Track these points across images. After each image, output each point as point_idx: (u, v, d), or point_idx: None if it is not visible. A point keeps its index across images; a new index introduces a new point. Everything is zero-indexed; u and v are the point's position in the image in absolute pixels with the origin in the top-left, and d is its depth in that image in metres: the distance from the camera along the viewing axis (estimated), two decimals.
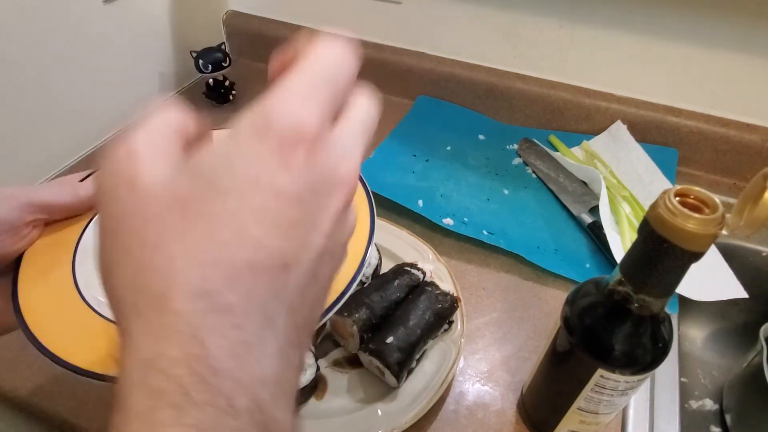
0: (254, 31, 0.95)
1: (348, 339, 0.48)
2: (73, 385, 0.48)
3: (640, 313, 0.32)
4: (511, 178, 0.73)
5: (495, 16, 0.77)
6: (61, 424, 0.46)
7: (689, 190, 0.28)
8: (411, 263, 0.53)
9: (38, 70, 0.67)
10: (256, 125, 0.17)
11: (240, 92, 0.89)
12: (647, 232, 0.28)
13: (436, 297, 0.49)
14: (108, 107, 0.79)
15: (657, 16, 0.68)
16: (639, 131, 0.75)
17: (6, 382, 0.49)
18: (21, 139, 0.68)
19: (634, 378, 0.34)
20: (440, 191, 0.69)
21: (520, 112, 0.82)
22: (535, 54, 0.79)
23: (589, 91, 0.77)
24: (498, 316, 0.56)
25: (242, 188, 0.17)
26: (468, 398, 0.48)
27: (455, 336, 0.50)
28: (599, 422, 0.40)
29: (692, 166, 0.75)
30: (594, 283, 0.36)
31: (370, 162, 0.71)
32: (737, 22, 0.65)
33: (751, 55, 0.67)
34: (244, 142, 0.17)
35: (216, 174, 0.17)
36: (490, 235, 0.63)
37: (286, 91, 0.18)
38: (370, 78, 0.85)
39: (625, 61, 0.74)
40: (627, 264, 0.31)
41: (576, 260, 0.61)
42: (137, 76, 0.83)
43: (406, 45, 0.87)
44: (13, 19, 0.62)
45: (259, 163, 0.17)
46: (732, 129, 0.71)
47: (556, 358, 0.39)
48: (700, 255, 0.27)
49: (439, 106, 0.85)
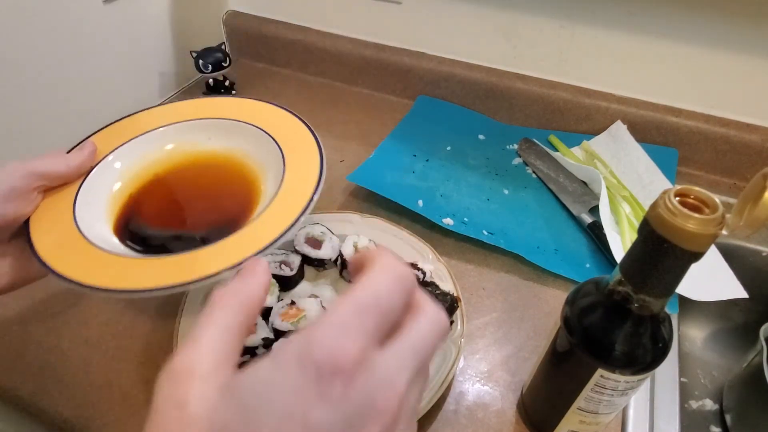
0: (254, 31, 0.95)
1: None
2: (73, 385, 0.48)
3: (640, 313, 0.32)
4: (511, 178, 0.73)
5: (495, 16, 0.78)
6: (61, 424, 0.46)
7: (689, 190, 0.28)
8: (411, 263, 0.53)
9: (38, 70, 0.67)
10: (299, 353, 0.19)
11: (240, 92, 0.90)
12: (647, 232, 0.28)
13: (436, 297, 0.49)
14: (108, 107, 0.79)
15: (657, 16, 0.68)
16: (639, 131, 0.75)
17: (6, 382, 0.49)
18: (21, 139, 0.68)
19: (634, 378, 0.34)
20: (440, 191, 0.69)
21: (520, 112, 0.82)
22: (535, 54, 0.79)
23: (589, 91, 0.77)
24: (498, 316, 0.56)
25: (277, 424, 0.18)
26: (468, 398, 0.48)
27: (455, 336, 0.50)
28: (599, 422, 0.40)
29: (692, 166, 0.75)
30: (594, 283, 0.36)
31: (370, 162, 0.72)
32: (737, 22, 0.65)
33: (751, 55, 0.67)
34: (285, 370, 0.19)
35: (255, 404, 0.18)
36: (490, 235, 0.63)
37: (332, 318, 0.19)
38: (370, 78, 0.84)
39: (625, 61, 0.74)
40: (627, 264, 0.31)
41: (576, 260, 0.61)
42: (137, 76, 0.83)
43: (406, 45, 0.87)
44: (13, 19, 0.62)
45: (297, 396, 0.18)
46: (732, 129, 0.71)
47: (556, 358, 0.39)
48: (700, 255, 0.27)
49: (439, 106, 0.85)
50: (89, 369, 0.50)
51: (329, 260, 0.56)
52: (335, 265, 0.58)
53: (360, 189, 0.70)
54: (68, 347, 0.51)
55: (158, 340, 0.52)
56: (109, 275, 0.37)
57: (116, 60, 0.78)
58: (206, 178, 0.51)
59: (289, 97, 0.90)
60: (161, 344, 0.52)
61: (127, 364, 0.50)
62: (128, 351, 0.51)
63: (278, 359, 0.19)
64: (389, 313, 0.21)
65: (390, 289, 0.21)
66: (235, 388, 0.19)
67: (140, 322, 0.54)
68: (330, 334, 0.19)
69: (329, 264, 0.57)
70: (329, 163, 0.75)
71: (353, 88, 0.92)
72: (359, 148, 0.78)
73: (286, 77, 0.95)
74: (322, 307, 0.51)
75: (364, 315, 0.20)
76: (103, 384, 0.48)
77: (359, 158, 0.74)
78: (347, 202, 0.68)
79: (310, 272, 0.58)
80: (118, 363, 0.50)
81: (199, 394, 0.19)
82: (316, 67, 0.94)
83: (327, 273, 0.58)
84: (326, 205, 0.68)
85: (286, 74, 0.96)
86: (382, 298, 0.20)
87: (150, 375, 0.49)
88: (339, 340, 0.19)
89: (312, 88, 0.92)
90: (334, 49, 0.90)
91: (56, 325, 0.53)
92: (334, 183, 0.71)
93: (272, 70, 0.97)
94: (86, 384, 0.48)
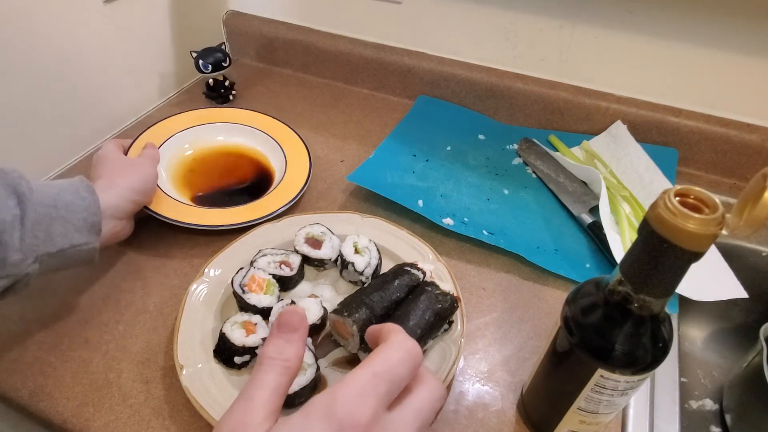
0: (254, 31, 0.95)
1: (348, 339, 0.48)
2: (73, 385, 0.48)
3: (640, 313, 0.32)
4: (511, 178, 0.73)
5: (495, 16, 0.78)
6: (61, 424, 0.46)
7: (689, 190, 0.28)
8: (411, 263, 0.53)
9: (38, 70, 0.67)
10: (326, 409, 0.24)
11: (240, 92, 0.89)
12: (647, 232, 0.28)
13: (436, 297, 0.49)
14: (108, 107, 0.79)
15: (657, 16, 0.68)
16: (639, 131, 0.75)
17: (6, 382, 0.49)
18: (21, 139, 0.68)
19: (634, 378, 0.34)
20: (440, 191, 0.69)
21: (520, 112, 0.82)
22: (535, 54, 0.79)
23: (589, 91, 0.77)
24: (498, 316, 0.56)
25: None
26: (468, 398, 0.48)
27: (455, 336, 0.50)
28: (599, 422, 0.40)
29: (692, 166, 0.75)
30: (594, 283, 0.36)
31: (370, 162, 0.72)
32: (737, 22, 0.65)
33: (751, 55, 0.67)
34: (314, 421, 0.24)
35: None
36: (490, 235, 0.63)
37: (353, 383, 0.25)
38: (370, 78, 0.85)
39: (625, 61, 0.74)
40: (627, 264, 0.31)
41: (576, 260, 0.61)
42: (137, 76, 0.83)
43: (406, 45, 0.87)
44: (14, 19, 0.62)
45: None
46: (732, 129, 0.71)
47: (556, 358, 0.39)
48: (700, 255, 0.27)
49: (439, 106, 0.85)
50: (89, 369, 0.50)
51: (329, 260, 0.56)
52: (335, 265, 0.58)
53: (360, 189, 0.70)
54: (68, 347, 0.51)
55: (158, 340, 0.52)
56: (186, 216, 0.61)
57: (116, 60, 0.78)
58: (235, 160, 0.74)
59: (289, 97, 0.90)
60: (161, 344, 0.52)
61: (127, 364, 0.50)
62: (128, 351, 0.51)
63: (308, 412, 0.24)
64: (399, 382, 0.26)
65: (400, 362, 0.26)
66: None
67: (140, 322, 0.54)
68: (351, 396, 0.24)
69: (329, 264, 0.57)
70: (329, 163, 0.75)
71: (353, 88, 0.92)
72: (359, 148, 0.78)
73: (286, 77, 0.95)
74: (322, 306, 0.51)
75: (378, 382, 0.25)
76: (103, 384, 0.48)
77: (359, 158, 0.74)
78: (347, 202, 0.68)
79: (310, 272, 0.58)
80: (118, 363, 0.50)
81: None
82: (316, 67, 0.94)
83: (327, 273, 0.58)
84: (326, 205, 0.68)
85: (286, 74, 0.96)
86: (393, 370, 0.26)
87: (150, 375, 0.49)
88: (358, 401, 0.24)
89: (312, 88, 0.92)
90: (334, 49, 0.90)
91: (56, 325, 0.53)
92: (334, 183, 0.71)
93: (272, 70, 0.97)
94: (86, 384, 0.48)
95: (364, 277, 0.54)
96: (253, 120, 0.76)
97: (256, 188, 0.69)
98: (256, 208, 0.64)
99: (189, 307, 0.52)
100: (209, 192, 0.68)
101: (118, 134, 0.80)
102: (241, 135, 0.75)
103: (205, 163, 0.72)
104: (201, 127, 0.75)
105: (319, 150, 0.77)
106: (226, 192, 0.69)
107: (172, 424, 0.46)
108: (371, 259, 0.55)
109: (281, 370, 0.27)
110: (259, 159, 0.73)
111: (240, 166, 0.73)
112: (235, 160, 0.73)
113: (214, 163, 0.73)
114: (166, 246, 0.62)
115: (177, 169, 0.70)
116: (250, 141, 0.75)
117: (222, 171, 0.72)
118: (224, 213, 0.63)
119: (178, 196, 0.65)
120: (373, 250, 0.56)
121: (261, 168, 0.72)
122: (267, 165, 0.72)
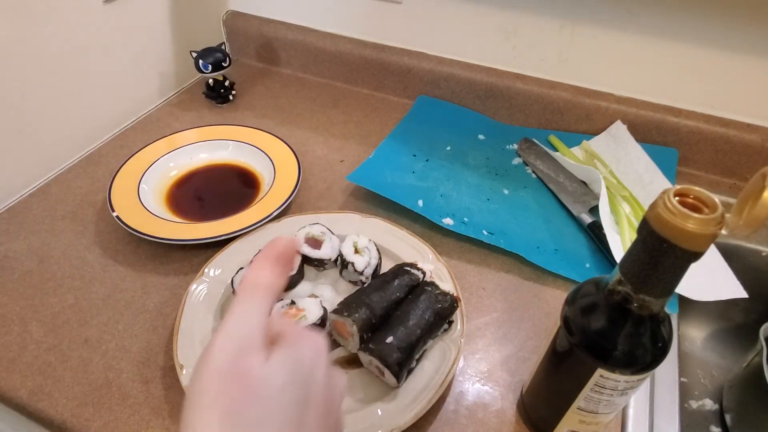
0: (254, 31, 0.95)
1: (348, 339, 0.48)
2: (72, 385, 0.48)
3: (640, 313, 0.32)
4: (510, 178, 0.73)
5: (495, 16, 0.78)
6: (61, 424, 0.46)
7: (689, 190, 0.28)
8: (411, 263, 0.53)
9: (38, 70, 0.67)
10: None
11: (240, 92, 0.90)
12: (647, 232, 0.28)
13: (436, 297, 0.49)
14: (108, 107, 0.79)
15: (657, 16, 0.68)
16: (639, 131, 0.75)
17: (5, 382, 0.49)
18: (21, 139, 0.68)
19: (634, 378, 0.34)
20: (440, 191, 0.69)
21: (520, 112, 0.82)
22: (534, 54, 0.79)
23: (589, 91, 0.77)
24: (498, 316, 0.56)
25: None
26: (468, 398, 0.48)
27: (455, 336, 0.50)
28: (599, 422, 0.40)
29: (692, 166, 0.75)
30: (594, 283, 0.36)
31: (369, 162, 0.72)
32: (737, 22, 0.65)
33: (751, 55, 0.67)
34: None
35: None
36: (490, 235, 0.63)
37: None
38: (370, 78, 0.85)
39: (625, 61, 0.74)
40: (627, 264, 0.31)
41: (576, 260, 0.61)
42: (137, 76, 0.83)
43: (406, 45, 0.87)
44: (14, 19, 0.62)
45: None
46: (732, 129, 0.71)
47: (555, 358, 0.39)
48: (699, 255, 0.27)
49: (439, 106, 0.85)
50: (89, 369, 0.50)
51: (329, 260, 0.56)
52: (335, 265, 0.58)
53: (360, 189, 0.70)
54: (68, 347, 0.51)
55: (158, 340, 0.52)
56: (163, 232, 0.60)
57: (116, 60, 0.78)
58: (224, 175, 0.74)
59: (289, 97, 0.90)
60: (161, 344, 0.52)
61: (126, 363, 0.50)
62: (128, 351, 0.51)
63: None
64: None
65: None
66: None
67: (140, 322, 0.54)
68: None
69: (329, 264, 0.57)
70: (329, 163, 0.75)
71: (353, 88, 0.92)
72: (359, 148, 0.78)
73: (286, 77, 0.95)
74: (322, 306, 0.51)
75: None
76: (103, 384, 0.48)
77: (359, 158, 0.74)
78: (347, 202, 0.68)
79: (310, 272, 0.58)
80: (118, 363, 0.50)
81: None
82: (316, 67, 0.94)
83: (327, 273, 0.58)
84: (326, 205, 0.68)
85: (286, 74, 0.96)
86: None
87: (150, 375, 0.49)
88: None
89: (312, 88, 0.92)
90: (334, 49, 0.90)
91: (56, 325, 0.53)
92: (334, 183, 0.71)
93: (272, 70, 0.97)
94: (86, 384, 0.49)
95: (363, 277, 0.54)
96: (235, 134, 0.77)
97: (246, 197, 0.69)
98: (247, 216, 0.63)
99: (189, 307, 0.52)
100: (198, 205, 0.68)
101: (118, 134, 0.80)
102: (223, 149, 0.75)
103: (190, 179, 0.72)
104: (183, 148, 0.74)
105: (319, 150, 0.77)
106: (213, 202, 0.69)
107: (172, 424, 0.46)
108: (371, 259, 0.55)
109: (264, 293, 0.27)
110: (245, 168, 0.74)
111: (227, 177, 0.73)
112: (222, 173, 0.73)
113: (201, 177, 0.73)
114: (165, 246, 0.62)
115: (162, 188, 0.70)
116: (234, 155, 0.75)
117: (209, 184, 0.72)
118: (215, 225, 0.62)
119: (165, 215, 0.65)
120: (372, 250, 0.56)
121: (248, 177, 0.72)
122: (254, 173, 0.73)
